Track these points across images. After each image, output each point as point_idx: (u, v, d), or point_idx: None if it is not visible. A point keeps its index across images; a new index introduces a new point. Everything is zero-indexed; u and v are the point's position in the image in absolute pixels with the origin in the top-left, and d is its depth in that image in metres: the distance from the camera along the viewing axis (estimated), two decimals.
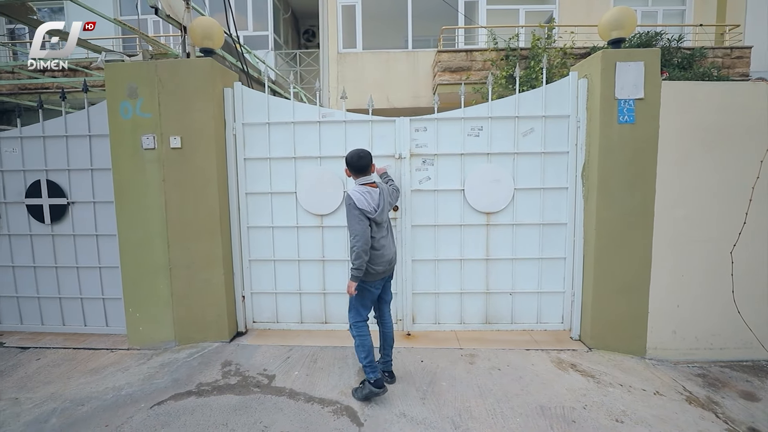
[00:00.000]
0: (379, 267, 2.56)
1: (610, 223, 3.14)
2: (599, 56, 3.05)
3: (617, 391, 2.67)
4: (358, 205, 2.45)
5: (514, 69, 3.89)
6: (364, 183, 2.59)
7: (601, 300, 3.21)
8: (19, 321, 3.76)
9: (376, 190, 2.59)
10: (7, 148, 3.58)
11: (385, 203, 2.62)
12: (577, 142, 3.31)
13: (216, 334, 3.43)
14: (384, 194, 2.63)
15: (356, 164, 2.58)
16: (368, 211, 2.48)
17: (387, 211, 2.66)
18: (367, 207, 2.48)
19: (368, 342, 2.62)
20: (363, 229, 2.44)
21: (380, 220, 2.58)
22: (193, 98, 3.22)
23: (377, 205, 2.54)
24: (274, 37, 10.03)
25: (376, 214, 2.51)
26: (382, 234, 2.60)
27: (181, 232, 3.31)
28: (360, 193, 2.50)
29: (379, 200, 2.57)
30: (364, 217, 2.46)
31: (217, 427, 2.34)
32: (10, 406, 2.59)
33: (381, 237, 2.59)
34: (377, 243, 2.56)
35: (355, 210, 2.45)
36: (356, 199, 2.46)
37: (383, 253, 2.59)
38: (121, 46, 9.90)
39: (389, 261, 2.64)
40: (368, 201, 2.49)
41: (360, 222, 2.44)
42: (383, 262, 2.58)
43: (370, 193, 2.54)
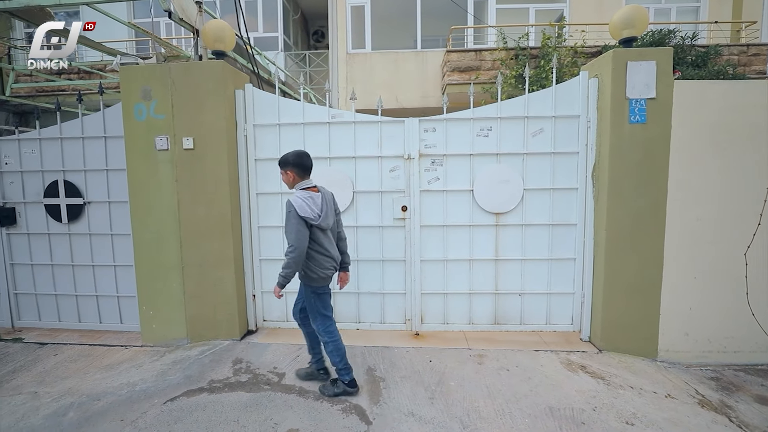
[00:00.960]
0: (328, 271, 2.54)
1: (620, 223, 3.11)
2: (610, 55, 3.03)
3: (628, 394, 2.65)
4: (300, 213, 2.34)
5: (524, 69, 3.88)
6: (306, 187, 2.49)
7: (611, 301, 3.18)
8: (37, 317, 3.86)
9: (318, 194, 2.48)
10: (26, 150, 3.68)
11: (329, 208, 2.53)
12: (587, 142, 3.29)
13: (227, 332, 3.48)
14: (327, 199, 2.53)
15: (303, 163, 2.49)
16: (311, 218, 2.37)
17: (332, 216, 2.56)
18: (310, 214, 2.37)
19: (341, 344, 2.62)
20: (301, 240, 2.35)
21: (325, 226, 2.48)
22: (205, 100, 3.27)
23: (321, 211, 2.44)
24: (284, 38, 10.11)
25: (320, 221, 2.42)
26: (327, 239, 2.54)
27: (194, 231, 3.37)
28: (302, 199, 2.38)
29: (322, 205, 2.46)
30: (304, 225, 2.37)
31: (228, 423, 2.38)
32: (30, 400, 2.67)
33: (327, 242, 2.52)
34: (323, 249, 2.50)
35: (295, 218, 2.34)
36: (298, 206, 2.34)
37: (331, 258, 2.55)
38: (134, 49, 10.08)
39: (336, 267, 2.61)
40: (311, 207, 2.39)
41: (299, 231, 2.34)
42: (330, 266, 2.55)
43: (313, 199, 2.43)
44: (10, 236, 3.78)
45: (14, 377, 2.99)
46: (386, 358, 3.16)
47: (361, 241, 3.58)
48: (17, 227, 3.76)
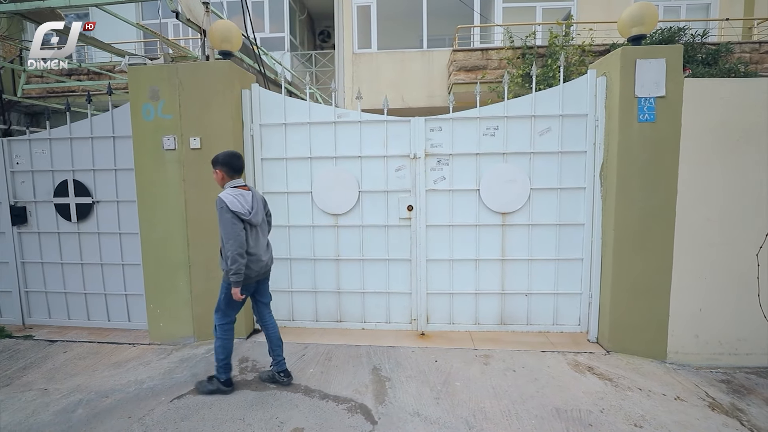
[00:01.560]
0: (251, 271, 2.55)
1: (629, 223, 3.07)
2: (618, 53, 2.99)
3: (636, 396, 2.62)
4: (231, 208, 2.40)
5: (531, 67, 3.85)
6: (236, 186, 2.56)
7: (619, 302, 3.14)
8: (47, 315, 3.92)
9: (248, 192, 2.57)
10: (37, 150, 3.73)
11: (259, 206, 2.60)
12: (595, 141, 3.26)
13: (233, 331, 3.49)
14: (257, 197, 2.62)
15: (234, 164, 2.56)
16: (242, 213, 2.44)
17: (261, 214, 2.63)
18: (241, 209, 2.44)
19: (230, 345, 2.68)
20: (236, 233, 2.41)
21: (255, 222, 2.55)
22: (212, 100, 3.29)
23: (251, 207, 2.52)
24: (290, 38, 10.15)
25: (251, 216, 2.49)
26: (254, 238, 2.58)
27: (200, 230, 3.39)
28: (232, 195, 2.46)
29: (252, 203, 2.55)
30: (237, 219, 2.42)
31: (234, 421, 2.39)
32: (40, 396, 2.71)
33: (254, 240, 2.57)
34: (251, 247, 2.54)
35: (227, 213, 2.40)
36: (229, 201, 2.42)
37: (258, 257, 2.58)
38: (143, 50, 10.19)
39: (263, 266, 2.64)
40: (241, 203, 2.46)
41: (233, 225, 2.41)
42: (256, 266, 2.57)
43: (243, 196, 2.51)
44: (21, 235, 3.84)
45: (25, 374, 3.03)
46: (392, 357, 3.16)
47: (366, 240, 3.58)
48: (28, 226, 3.82)
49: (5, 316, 3.98)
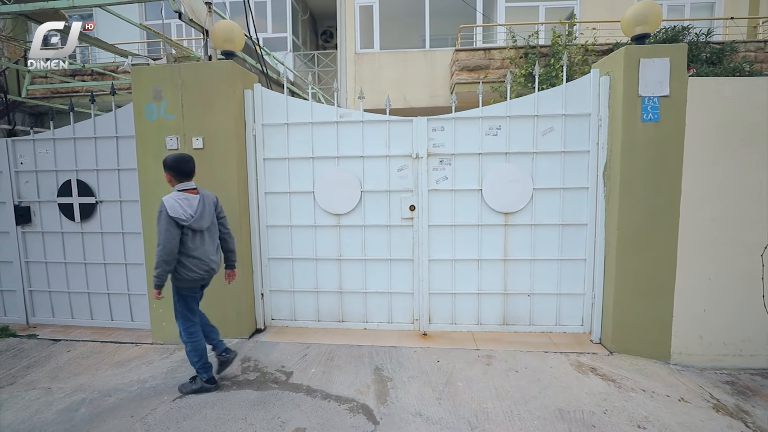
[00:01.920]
0: (196, 274, 2.55)
1: (632, 223, 3.06)
2: (622, 53, 2.98)
3: (640, 397, 2.60)
4: (170, 213, 2.40)
5: (534, 67, 3.84)
6: (184, 189, 2.55)
7: (622, 302, 3.13)
8: (51, 314, 3.94)
9: (195, 196, 2.55)
10: (41, 150, 3.75)
11: (206, 210, 2.58)
12: (598, 140, 3.24)
13: (236, 331, 3.50)
14: (205, 201, 2.59)
15: (181, 168, 2.55)
16: (182, 219, 2.44)
17: (208, 219, 2.61)
18: (181, 215, 2.43)
19: (201, 346, 2.68)
20: (169, 238, 2.41)
21: (197, 227, 2.52)
22: (215, 100, 3.30)
23: (194, 212, 2.50)
24: (293, 38, 10.16)
25: (191, 221, 2.47)
26: (200, 241, 2.57)
27: None
28: (175, 200, 2.46)
29: (197, 207, 2.52)
30: (174, 225, 2.42)
31: (236, 421, 2.40)
32: (44, 395, 2.72)
33: (198, 244, 2.56)
34: (193, 251, 2.53)
35: (165, 218, 2.41)
36: (169, 206, 2.42)
37: (202, 261, 2.57)
38: (146, 50, 10.23)
39: (208, 270, 2.63)
40: (183, 208, 2.45)
41: (168, 230, 2.40)
42: (200, 269, 2.57)
43: (188, 200, 2.51)
44: (25, 234, 3.86)
45: (29, 372, 3.04)
46: (394, 357, 3.15)
47: (368, 240, 3.57)
48: (32, 226, 3.84)
49: (9, 315, 4.00)
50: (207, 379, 2.71)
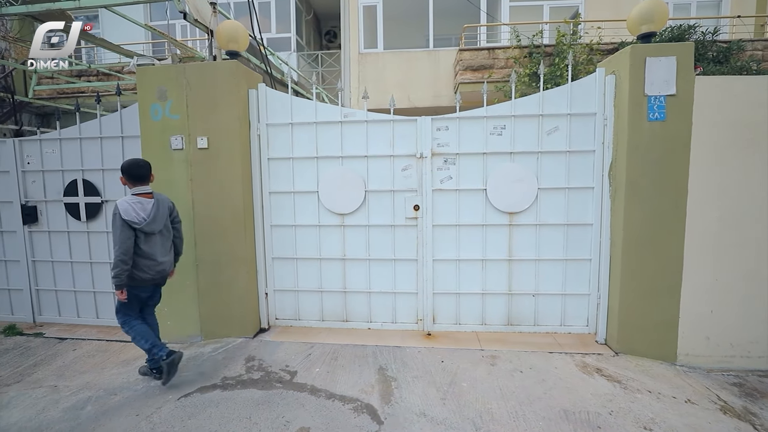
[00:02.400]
0: (146, 275, 2.66)
1: (638, 223, 3.04)
2: (628, 51, 2.96)
3: (646, 398, 2.58)
4: (123, 216, 2.53)
5: (538, 66, 3.82)
6: (139, 193, 2.66)
7: (628, 303, 3.11)
8: (57, 313, 3.97)
9: (149, 200, 2.67)
10: (48, 150, 3.77)
11: (159, 214, 2.68)
12: (603, 140, 3.22)
13: (240, 330, 3.51)
14: (159, 205, 2.70)
15: (133, 173, 2.65)
16: (134, 222, 2.56)
17: (161, 222, 2.72)
18: (134, 218, 2.56)
19: (143, 329, 2.76)
20: (123, 240, 2.53)
21: (149, 230, 2.64)
22: (219, 100, 3.31)
23: (147, 216, 2.62)
24: (297, 38, 10.18)
25: (144, 225, 2.59)
26: (152, 244, 2.68)
27: (208, 229, 3.41)
28: (128, 203, 2.58)
29: (151, 211, 2.64)
30: (127, 227, 2.55)
31: (241, 420, 2.40)
32: (50, 393, 2.74)
33: (150, 246, 2.67)
34: (145, 253, 2.64)
35: (119, 221, 2.53)
36: (123, 209, 2.54)
37: (152, 262, 2.68)
38: (151, 51, 10.28)
39: (160, 271, 2.74)
40: (136, 211, 2.58)
41: (122, 232, 2.53)
42: (151, 270, 2.68)
43: (142, 203, 2.63)
44: (32, 234, 3.89)
45: (35, 371, 3.07)
46: (398, 357, 3.15)
47: (372, 240, 3.57)
48: (39, 225, 3.87)
49: (16, 313, 4.03)
50: (167, 353, 2.74)
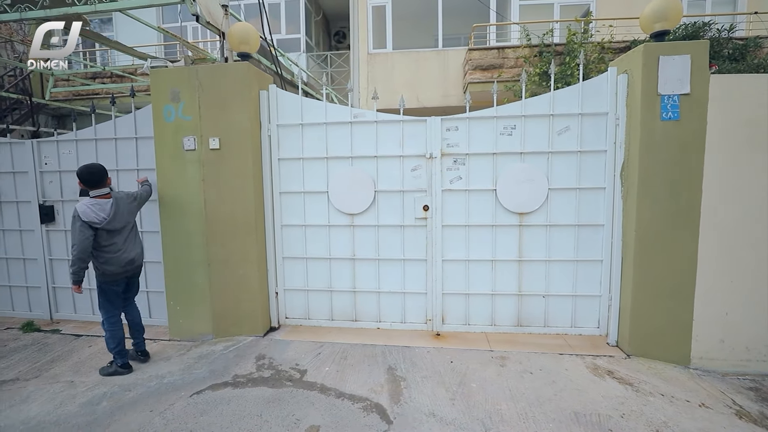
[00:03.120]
0: (114, 268, 2.89)
1: (651, 224, 3.00)
2: (641, 50, 2.92)
3: (658, 401, 2.55)
4: (82, 218, 2.72)
5: (548, 66, 3.79)
6: (97, 195, 2.83)
7: (640, 305, 3.07)
8: (73, 310, 4.06)
9: (108, 201, 2.85)
10: (64, 151, 3.86)
11: (119, 212, 2.88)
12: (615, 140, 3.19)
13: (250, 329, 3.55)
14: (119, 204, 2.89)
15: (86, 179, 2.83)
16: (95, 222, 2.75)
17: (123, 218, 2.92)
18: (93, 218, 2.75)
19: (118, 334, 2.99)
20: (82, 240, 2.72)
21: (112, 228, 2.84)
22: (231, 101, 3.35)
23: (107, 215, 2.80)
24: (306, 39, 10.23)
25: (105, 223, 2.79)
26: (115, 240, 2.89)
27: (219, 229, 3.46)
28: (87, 206, 2.76)
29: (110, 210, 2.82)
30: (87, 228, 2.73)
31: (251, 417, 2.43)
32: (67, 388, 2.80)
33: (114, 243, 2.88)
34: (110, 248, 2.86)
35: (78, 222, 2.72)
36: (81, 212, 2.73)
37: (118, 257, 2.90)
38: (163, 53, 10.43)
39: (127, 263, 2.95)
40: (95, 212, 2.76)
41: (81, 233, 2.72)
42: (118, 264, 2.90)
43: (100, 205, 2.81)
44: (49, 233, 3.98)
45: (53, 366, 3.14)
46: (407, 357, 3.16)
47: (382, 240, 3.58)
48: (55, 224, 3.96)
49: (34, 310, 4.14)
50: (121, 364, 3.00)
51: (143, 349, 3.22)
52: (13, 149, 3.96)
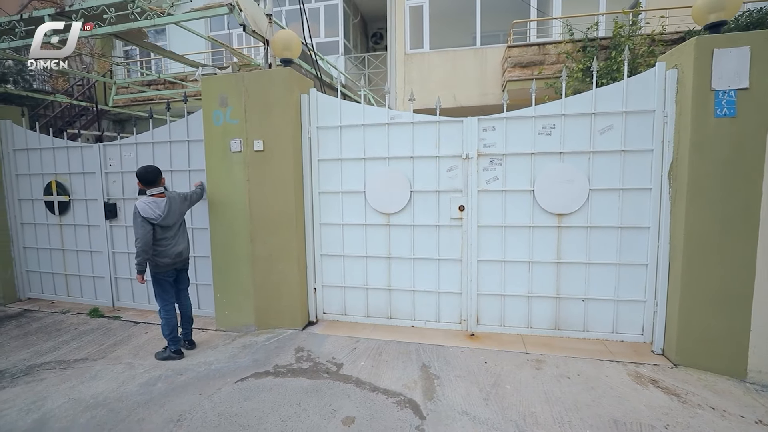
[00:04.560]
0: (166, 260, 3.18)
1: (702, 227, 2.83)
2: (693, 43, 2.77)
3: (708, 415, 2.42)
4: (142, 214, 3.00)
5: (592, 61, 3.65)
6: (153, 194, 3.11)
7: (690, 312, 2.91)
8: (131, 299, 4.43)
9: (162, 199, 3.13)
10: (125, 153, 4.22)
11: (172, 210, 3.17)
12: (663, 138, 3.04)
13: (290, 322, 3.72)
14: (172, 202, 3.18)
15: (144, 178, 3.11)
16: (152, 219, 3.03)
17: (175, 216, 3.21)
18: (151, 215, 3.03)
19: (172, 322, 3.25)
20: (143, 234, 3.01)
21: (165, 224, 3.12)
22: (274, 105, 3.52)
23: (162, 212, 3.09)
24: (344, 42, 10.44)
25: (160, 220, 3.07)
26: (168, 234, 3.18)
27: (262, 227, 3.65)
28: (146, 203, 3.05)
29: (164, 208, 3.11)
30: (146, 223, 3.02)
31: (291, 405, 2.57)
32: (128, 370, 3.08)
33: (166, 237, 3.17)
34: (162, 242, 3.15)
35: (138, 218, 3.01)
36: (141, 209, 3.01)
37: (168, 250, 3.18)
38: (210, 59, 11.02)
39: (176, 255, 3.24)
40: (152, 210, 3.05)
41: (142, 228, 3.00)
42: (169, 256, 3.19)
43: (156, 203, 3.09)
44: (112, 228, 4.37)
45: (115, 349, 3.46)
46: (440, 356, 3.18)
47: (417, 239, 3.63)
48: (117, 220, 4.34)
49: (99, 298, 4.56)
50: (175, 350, 3.26)
51: (190, 339, 3.47)
52: (83, 152, 4.39)
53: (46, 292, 4.81)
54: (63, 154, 4.47)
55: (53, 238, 4.66)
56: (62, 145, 4.47)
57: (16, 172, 4.70)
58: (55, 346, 3.53)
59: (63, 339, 3.70)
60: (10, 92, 5.77)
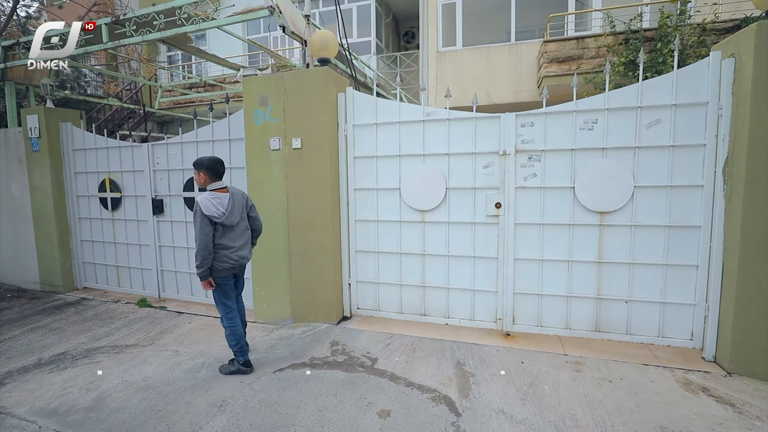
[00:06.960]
0: (227, 264, 2.79)
1: (761, 227, 2.65)
2: (753, 30, 2.60)
3: (767, 427, 2.27)
4: (204, 212, 2.65)
5: (636, 54, 3.49)
6: (216, 188, 2.79)
7: (746, 317, 2.73)
8: (176, 291, 4.67)
9: (225, 194, 2.79)
10: (172, 152, 4.45)
11: (236, 207, 2.81)
12: (717, 132, 2.87)
13: (325, 316, 3.80)
14: (235, 198, 2.82)
15: (215, 168, 2.79)
16: (215, 217, 2.68)
17: (238, 214, 2.83)
18: (215, 213, 2.68)
19: (238, 330, 2.91)
20: (205, 234, 2.66)
21: (228, 223, 2.76)
22: (312, 104, 3.61)
23: (225, 209, 2.73)
24: (377, 41, 10.51)
25: (224, 218, 2.71)
26: (232, 235, 2.82)
27: (299, 222, 3.74)
28: (208, 199, 2.69)
29: (228, 204, 2.76)
30: (208, 222, 2.67)
31: (327, 396, 2.62)
32: (174, 356, 3.26)
33: (230, 238, 2.80)
34: (225, 244, 2.77)
35: (200, 216, 2.65)
36: (204, 205, 2.66)
37: (231, 253, 2.80)
38: (248, 61, 11.41)
39: (239, 258, 2.86)
40: (215, 206, 2.70)
41: (203, 227, 2.65)
42: (230, 260, 2.80)
43: (219, 198, 2.75)
44: (159, 223, 4.62)
45: (162, 337, 3.66)
46: (475, 354, 3.16)
47: (452, 237, 3.61)
48: (164, 215, 4.58)
49: (146, 289, 4.83)
50: (243, 362, 2.95)
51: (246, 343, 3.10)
52: (134, 152, 4.66)
53: (100, 282, 5.16)
54: (115, 153, 4.77)
55: (106, 231, 4.98)
56: (115, 145, 4.78)
57: (75, 170, 5.06)
58: (109, 332, 3.78)
59: (115, 326, 3.95)
60: (69, 97, 6.21)
